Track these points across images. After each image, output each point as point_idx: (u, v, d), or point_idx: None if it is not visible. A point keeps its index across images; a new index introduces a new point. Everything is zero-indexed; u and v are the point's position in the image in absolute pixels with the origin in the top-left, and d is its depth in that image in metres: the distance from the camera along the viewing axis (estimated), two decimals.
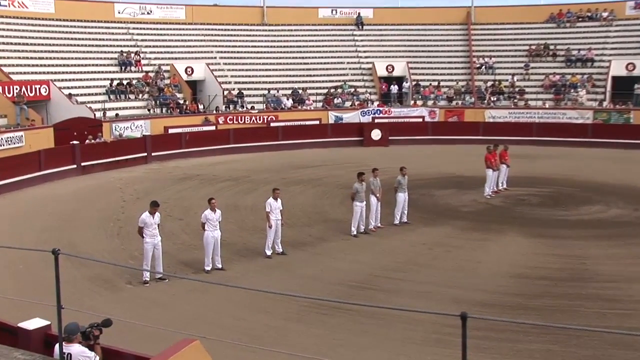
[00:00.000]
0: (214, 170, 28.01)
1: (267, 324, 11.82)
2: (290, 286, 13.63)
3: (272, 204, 15.86)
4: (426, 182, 25.04)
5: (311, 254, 16.25)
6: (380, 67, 40.84)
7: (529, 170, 27.12)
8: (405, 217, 19.17)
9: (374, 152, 32.62)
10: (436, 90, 39.43)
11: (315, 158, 31.10)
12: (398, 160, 28.53)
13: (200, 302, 12.89)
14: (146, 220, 13.94)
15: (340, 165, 28.92)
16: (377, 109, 37.56)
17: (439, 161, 30.04)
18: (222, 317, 12.16)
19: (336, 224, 19.08)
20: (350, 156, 31.44)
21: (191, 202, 21.70)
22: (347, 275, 14.52)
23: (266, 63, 40.19)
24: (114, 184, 25.24)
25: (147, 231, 13.94)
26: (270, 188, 18.70)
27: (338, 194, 23.00)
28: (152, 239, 13.97)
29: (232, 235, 17.75)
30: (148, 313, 12.29)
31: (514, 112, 36.98)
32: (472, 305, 12.44)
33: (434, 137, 35.61)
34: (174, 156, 30.97)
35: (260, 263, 15.50)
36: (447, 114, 37.50)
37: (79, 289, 13.50)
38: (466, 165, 28.16)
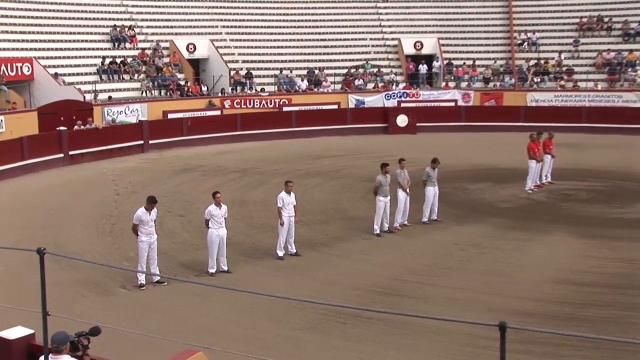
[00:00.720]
0: (219, 161, 28.09)
1: (278, 334, 11.86)
2: (304, 291, 13.66)
3: (285, 199, 15.88)
4: (459, 174, 24.96)
5: (328, 255, 16.27)
6: (407, 44, 40.69)
7: (578, 161, 26.95)
8: (435, 214, 19.14)
9: (400, 141, 32.57)
10: (471, 70, 39.25)
11: (333, 147, 31.11)
12: (427, 149, 28.48)
13: (203, 308, 12.96)
14: (142, 217, 14.03)
15: (361, 155, 28.90)
16: (404, 92, 37.46)
17: (474, 151, 29.95)
18: (227, 325, 12.21)
19: (357, 221, 19.08)
20: (373, 145, 31.41)
21: (193, 197, 21.80)
22: (369, 279, 14.52)
23: (278, 39, 40.20)
24: (106, 175, 25.42)
25: (143, 229, 14.03)
26: (282, 181, 18.73)
27: (359, 188, 23.00)
28: (149, 237, 14.06)
29: (239, 233, 17.79)
30: (145, 320, 12.37)
31: (560, 94, 36.74)
32: (511, 315, 12.39)
33: (468, 123, 35.51)
34: (173, 144, 31.11)
35: (271, 265, 15.55)
36: (483, 98, 37.34)
37: (66, 294, 13.61)
38: (505, 155, 28.01)
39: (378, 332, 11.88)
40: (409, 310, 12.41)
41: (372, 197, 18.48)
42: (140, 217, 14.05)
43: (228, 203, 17.15)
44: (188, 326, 12.14)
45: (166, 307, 13.09)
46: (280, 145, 31.65)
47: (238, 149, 30.77)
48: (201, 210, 17.33)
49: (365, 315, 12.36)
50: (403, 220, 18.56)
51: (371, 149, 30.32)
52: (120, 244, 17.05)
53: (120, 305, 13.15)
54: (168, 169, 26.47)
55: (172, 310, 12.93)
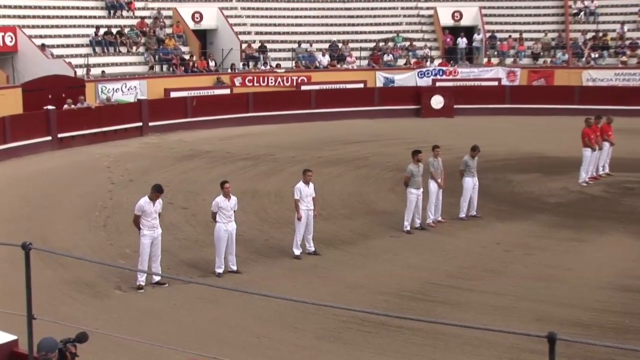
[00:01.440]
0: (228, 146, 28.16)
1: (294, 343, 11.88)
2: (324, 295, 13.67)
3: (303, 190, 15.89)
4: (502, 164, 24.86)
5: (352, 254, 16.28)
6: (444, 14, 40.48)
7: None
8: (474, 210, 19.09)
9: (435, 125, 32.46)
10: (517, 45, 39.00)
11: (358, 131, 31.07)
12: (466, 135, 28.34)
13: (209, 313, 13.00)
14: (145, 207, 14.05)
15: (390, 141, 28.86)
16: (439, 69, 37.32)
17: (520, 137, 29.79)
18: (237, 333, 12.24)
19: (384, 216, 19.07)
20: (404, 130, 31.32)
21: (198, 186, 21.87)
22: (397, 282, 14.51)
23: (296, 8, 40.15)
24: (99, 161, 25.55)
25: (146, 221, 14.05)
26: (299, 169, 18.69)
27: (387, 179, 22.98)
28: (151, 231, 14.10)
29: (250, 228, 17.82)
30: (143, 326, 12.43)
31: (622, 73, 36.44)
32: (560, 325, 12.32)
33: (513, 105, 35.29)
34: (176, 127, 31.21)
35: (287, 265, 15.58)
36: (532, 76, 37.11)
37: (54, 295, 13.70)
38: (555, 143, 27.83)
39: (407, 343, 11.86)
40: (443, 319, 12.38)
41: (402, 189, 18.42)
42: (142, 208, 14.07)
43: (238, 194, 17.17)
44: (192, 333, 12.18)
45: (167, 312, 13.14)
46: (298, 129, 31.64)
47: (250, 133, 30.81)
48: (207, 202, 17.35)
49: (392, 324, 12.35)
50: (437, 215, 18.52)
51: (401, 134, 30.23)
52: (115, 239, 17.13)
53: (115, 309, 13.21)
54: (170, 155, 26.57)
55: (173, 315, 12.98)
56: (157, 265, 14.25)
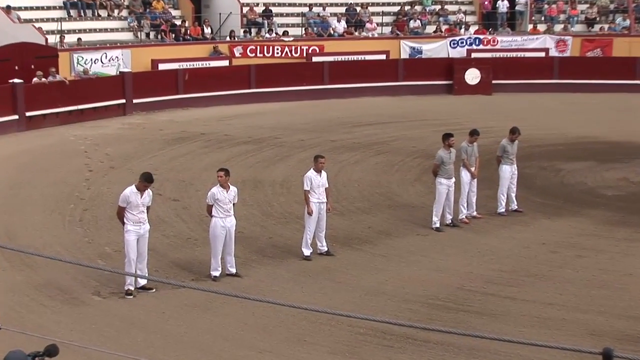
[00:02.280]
0: (227, 128, 28.16)
1: (304, 359, 11.94)
2: (338, 303, 13.66)
3: (314, 180, 15.87)
4: (549, 150, 24.84)
5: (371, 255, 16.26)
6: None
7: None
8: (514, 204, 19.03)
9: (469, 104, 32.39)
10: (569, 9, 38.79)
11: (379, 111, 31.01)
12: (505, 116, 28.25)
13: (203, 323, 13.00)
14: (131, 198, 14.02)
15: (416, 123, 28.79)
16: (476, 38, 37.18)
17: (570, 118, 29.68)
18: (235, 346, 12.25)
19: (409, 210, 19.06)
20: (433, 109, 31.25)
21: (191, 175, 21.89)
22: (424, 288, 14.49)
23: None
24: (75, 145, 25.57)
25: (131, 215, 14.04)
26: (310, 156, 18.72)
27: (413, 167, 22.96)
28: (137, 226, 14.08)
29: (252, 224, 17.82)
30: (125, 338, 12.44)
31: None
32: (618, 340, 12.29)
33: (562, 81, 35.16)
34: (166, 105, 31.21)
35: (294, 267, 15.56)
36: (585, 46, 36.93)
37: (21, 301, 13.72)
38: (612, 124, 27.75)
39: (436, 358, 11.91)
40: (479, 331, 12.34)
41: (431, 178, 18.38)
42: (128, 199, 14.03)
43: (238, 184, 17.17)
44: (183, 347, 12.19)
45: (154, 321, 13.14)
46: (308, 108, 31.60)
47: (252, 113, 30.77)
48: (202, 193, 17.35)
49: (419, 337, 12.33)
50: (471, 210, 18.50)
51: (430, 114, 30.15)
52: (94, 235, 17.14)
53: (92, 318, 13.22)
54: (158, 137, 26.58)
55: (161, 326, 12.98)
56: (143, 266, 14.25)
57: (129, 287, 14.13)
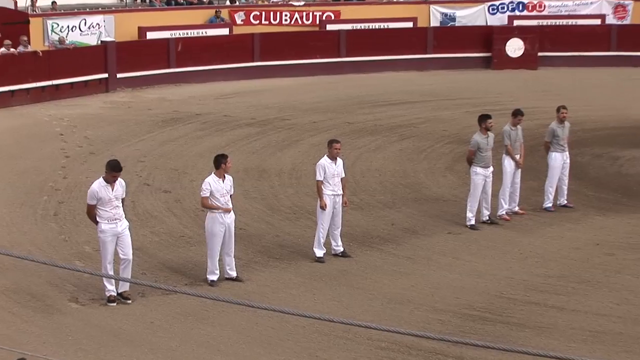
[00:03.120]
0: (226, 107, 28.13)
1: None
2: (356, 313, 13.62)
3: (328, 168, 15.80)
4: (605, 134, 24.75)
5: (394, 257, 16.21)
6: None
7: None
8: (564, 197, 18.97)
9: (511, 80, 32.30)
10: None
11: (405, 89, 30.92)
12: (554, 94, 28.11)
13: (198, 335, 12.98)
14: (100, 193, 13.97)
15: (448, 103, 28.76)
16: (519, 3, 37.03)
17: (629, 97, 29.53)
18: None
19: (439, 205, 19.02)
20: (468, 86, 31.20)
21: (185, 162, 21.86)
22: (457, 296, 14.45)
23: None
24: (49, 127, 25.57)
25: (103, 211, 14.01)
26: (323, 140, 18.69)
27: (443, 153, 22.93)
28: (112, 224, 14.01)
29: (255, 220, 17.80)
30: (107, 352, 12.42)
31: None
32: None
33: (621, 53, 35.09)
34: (155, 80, 31.24)
35: (305, 270, 15.52)
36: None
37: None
38: None
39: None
40: (520, 346, 12.30)
41: (465, 167, 18.34)
42: (96, 194, 13.98)
43: (239, 173, 17.20)
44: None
45: (141, 333, 13.11)
46: (322, 85, 31.55)
47: (255, 90, 30.75)
48: (196, 183, 17.31)
49: (450, 352, 12.30)
50: (513, 205, 18.44)
51: (464, 92, 30.08)
52: (71, 232, 17.12)
53: (69, 329, 13.18)
54: (146, 118, 26.57)
55: (150, 338, 12.95)
56: (126, 269, 14.14)
57: (110, 293, 14.09)
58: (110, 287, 14.09)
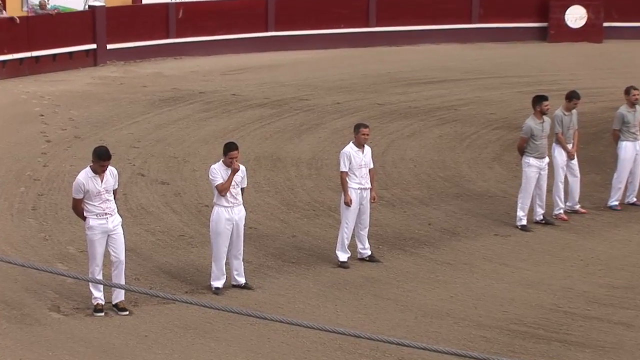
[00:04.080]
0: (235, 84, 28.22)
1: None
2: (386, 327, 13.65)
3: (354, 157, 15.84)
4: None
5: (430, 262, 16.25)
6: None
7: None
8: (633, 194, 18.96)
9: (572, 55, 32.32)
10: None
11: (446, 64, 31.01)
12: (621, 71, 28.03)
13: (200, 351, 13.04)
14: (86, 185, 13.95)
15: (497, 81, 28.80)
16: None
17: None
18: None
19: (484, 201, 19.09)
20: (520, 61, 31.21)
21: (186, 149, 21.91)
22: (505, 309, 14.48)
23: None
24: (27, 106, 25.64)
25: (91, 206, 14.04)
26: (347, 124, 18.72)
27: (490, 141, 22.97)
28: (102, 220, 14.05)
29: (268, 218, 17.88)
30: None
31: None
32: None
33: None
34: (151, 52, 31.36)
35: (326, 277, 15.56)
36: None
37: None
38: None
39: None
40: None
41: (515, 158, 18.39)
42: (82, 187, 14.00)
43: (250, 162, 17.23)
44: None
45: (133, 348, 13.19)
46: (347, 60, 31.54)
47: (269, 64, 30.81)
48: (199, 173, 17.40)
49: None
50: (572, 203, 18.45)
51: (516, 68, 30.10)
52: (52, 230, 17.19)
53: (50, 342, 13.23)
54: (141, 97, 26.64)
55: (143, 354, 13.02)
56: (119, 275, 14.18)
57: (98, 300, 14.12)
58: (97, 294, 14.11)
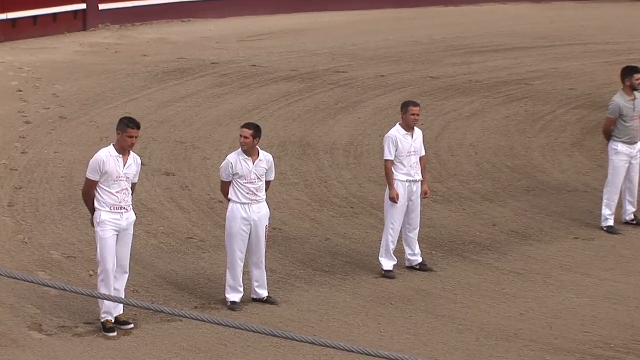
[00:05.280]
0: (255, 53, 28.43)
1: None
2: (441, 350, 13.68)
3: (402, 143, 15.87)
4: None
5: (496, 271, 16.28)
6: None
7: None
8: None
9: None
10: None
11: (514, 28, 31.16)
12: None
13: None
14: (108, 166, 13.93)
15: (578, 49, 28.88)
16: None
17: None
18: None
19: (561, 197, 19.11)
20: (607, 25, 31.30)
21: (195, 132, 22.06)
22: (587, 328, 14.43)
23: None
24: (3, 79, 25.79)
25: (108, 195, 14.00)
26: (394, 102, 18.70)
27: (569, 122, 23.01)
28: (116, 215, 14.10)
29: (295, 217, 17.99)
30: None
31: None
32: None
33: None
34: (153, 13, 31.57)
35: (367, 289, 15.58)
36: None
37: None
38: None
39: None
40: None
41: (600, 143, 18.48)
42: (101, 166, 13.94)
43: (273, 148, 17.25)
44: None
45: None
46: (392, 22, 31.70)
47: (297, 28, 31.01)
48: (211, 162, 17.52)
49: None
50: None
51: (601, 33, 30.20)
52: (32, 230, 17.29)
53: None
54: (140, 69, 26.82)
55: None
56: (121, 281, 14.26)
57: (106, 316, 14.09)
58: (106, 309, 14.02)
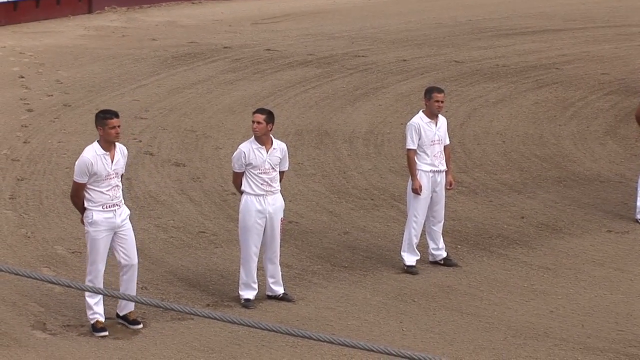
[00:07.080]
0: (270, 37, 28.48)
1: None
2: (466, 350, 13.62)
3: (425, 131, 15.83)
4: None
5: (525, 266, 16.23)
6: None
7: None
8: None
9: None
10: None
11: (543, 10, 31.15)
12: None
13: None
14: (96, 166, 13.94)
15: (612, 32, 28.90)
16: None
17: None
18: None
19: (594, 188, 19.06)
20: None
21: (207, 120, 22.05)
22: (621, 327, 14.37)
23: None
24: (3, 65, 25.82)
25: (98, 193, 14.00)
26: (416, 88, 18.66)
27: (602, 109, 22.95)
28: (109, 213, 14.11)
29: (313, 210, 17.97)
30: None
31: None
32: None
33: None
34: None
35: (388, 286, 15.56)
36: None
37: None
38: None
39: None
40: None
41: (634, 131, 18.51)
42: (89, 167, 13.96)
43: (289, 137, 17.21)
44: None
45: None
46: (414, 4, 31.75)
47: (313, 10, 31.01)
48: (224, 152, 17.47)
49: None
50: None
51: (636, 15, 30.09)
52: (35, 225, 17.31)
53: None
54: (149, 53, 26.85)
55: None
56: (131, 283, 14.17)
57: (97, 317, 14.11)
58: (96, 307, 14.06)
